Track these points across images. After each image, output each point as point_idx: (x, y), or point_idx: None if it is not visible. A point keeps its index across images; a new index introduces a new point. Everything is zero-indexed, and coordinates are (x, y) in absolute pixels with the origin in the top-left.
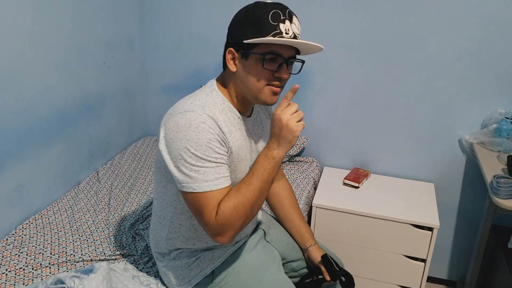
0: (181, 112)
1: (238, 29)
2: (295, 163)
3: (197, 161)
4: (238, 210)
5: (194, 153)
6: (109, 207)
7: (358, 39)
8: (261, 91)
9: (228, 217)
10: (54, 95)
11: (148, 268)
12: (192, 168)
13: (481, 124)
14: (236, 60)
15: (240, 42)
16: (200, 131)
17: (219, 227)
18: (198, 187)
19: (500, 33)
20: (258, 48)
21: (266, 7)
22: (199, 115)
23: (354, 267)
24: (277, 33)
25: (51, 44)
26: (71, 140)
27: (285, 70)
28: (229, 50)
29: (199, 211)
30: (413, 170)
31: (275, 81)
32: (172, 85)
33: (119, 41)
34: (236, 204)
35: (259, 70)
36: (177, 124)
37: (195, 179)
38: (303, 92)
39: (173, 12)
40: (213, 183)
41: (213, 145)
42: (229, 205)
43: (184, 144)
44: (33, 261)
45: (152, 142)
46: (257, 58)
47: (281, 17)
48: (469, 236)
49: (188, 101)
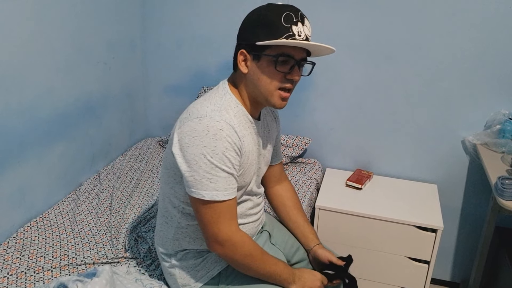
0: (198, 117)
1: (250, 31)
2: (297, 164)
3: (211, 169)
4: (251, 251)
5: (210, 160)
6: (110, 209)
7: (362, 40)
8: (272, 94)
9: (244, 244)
10: (55, 97)
11: (151, 271)
12: (205, 176)
13: (484, 125)
14: (248, 62)
15: (252, 43)
16: (218, 139)
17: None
18: (208, 195)
19: (503, 34)
20: (270, 50)
21: (278, 10)
22: (217, 122)
23: (358, 269)
24: (290, 35)
25: (53, 45)
26: (73, 142)
27: (297, 72)
28: (241, 51)
29: (210, 221)
30: (416, 172)
31: (287, 83)
32: (173, 86)
33: (120, 42)
34: (256, 250)
35: (271, 72)
36: (194, 129)
37: (206, 186)
38: (306, 93)
39: (174, 12)
40: (223, 193)
41: (229, 154)
42: (252, 244)
43: (200, 150)
44: (35, 264)
45: (154, 144)
46: (269, 60)
47: (293, 19)
48: (473, 238)
49: (204, 105)
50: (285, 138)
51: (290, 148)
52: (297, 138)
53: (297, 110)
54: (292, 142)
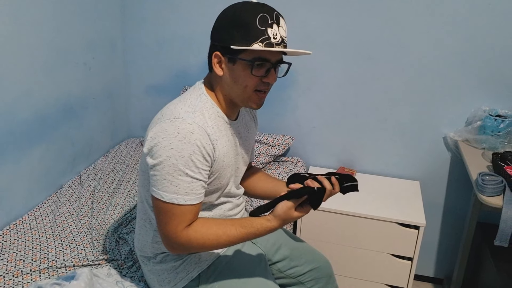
0: (170, 119)
1: (224, 32)
2: (280, 163)
3: (174, 171)
4: (204, 242)
5: (174, 163)
6: (92, 211)
7: (341, 38)
8: (248, 96)
9: (191, 242)
10: (34, 98)
11: (132, 273)
12: (167, 177)
13: (465, 121)
14: (223, 64)
15: (227, 46)
16: (187, 141)
17: (178, 244)
18: (167, 196)
19: (483, 31)
20: (246, 54)
21: (253, 10)
22: (189, 124)
23: (341, 267)
24: (265, 38)
25: (30, 46)
26: (53, 143)
27: (273, 75)
28: (215, 54)
29: (163, 220)
30: (398, 169)
31: (263, 86)
32: (155, 86)
33: (100, 41)
34: (208, 236)
35: (247, 76)
36: (165, 130)
37: (165, 188)
38: (287, 92)
39: (155, 12)
40: (182, 197)
41: (195, 158)
42: (201, 233)
43: (167, 152)
44: (14, 268)
45: (136, 144)
46: (245, 64)
47: (268, 21)
48: (455, 234)
49: (178, 106)
50: (268, 137)
51: (273, 147)
52: (280, 137)
53: (279, 108)
54: (275, 140)
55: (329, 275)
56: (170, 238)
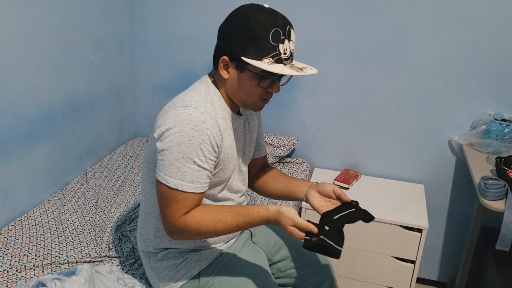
0: (183, 107)
1: (236, 40)
2: (285, 164)
3: (182, 158)
4: (200, 228)
5: (183, 150)
6: (96, 208)
7: (348, 41)
8: (252, 103)
9: (189, 227)
10: (40, 95)
11: (133, 270)
12: (174, 163)
13: (470, 125)
14: (230, 68)
15: (237, 56)
16: (198, 129)
17: (176, 228)
18: (172, 182)
19: (489, 35)
20: (255, 67)
21: (266, 23)
22: (201, 113)
23: (343, 268)
24: (276, 54)
25: (37, 44)
26: (58, 141)
27: (278, 86)
28: (223, 58)
29: (165, 204)
30: (403, 172)
31: (267, 96)
32: (161, 86)
33: (108, 41)
34: (205, 223)
35: (253, 86)
36: (177, 117)
37: (172, 173)
38: (293, 93)
39: (162, 12)
40: (188, 185)
41: (204, 148)
42: (199, 219)
43: (178, 138)
44: (17, 263)
45: (142, 143)
46: (252, 75)
47: (281, 36)
48: (459, 238)
49: (189, 95)
50: (272, 138)
51: (277, 148)
52: (285, 138)
53: (284, 110)
54: (279, 142)
55: (330, 277)
56: (168, 222)
